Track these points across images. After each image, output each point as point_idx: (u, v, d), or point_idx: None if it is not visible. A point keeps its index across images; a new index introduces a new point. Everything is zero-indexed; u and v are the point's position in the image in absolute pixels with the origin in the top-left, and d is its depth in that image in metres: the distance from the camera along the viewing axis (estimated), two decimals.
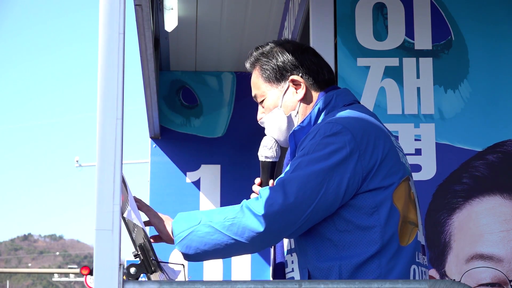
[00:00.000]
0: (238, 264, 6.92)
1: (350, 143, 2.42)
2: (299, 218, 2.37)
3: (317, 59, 2.69)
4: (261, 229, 2.36)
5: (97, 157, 1.98)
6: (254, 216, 2.36)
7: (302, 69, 2.64)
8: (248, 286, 2.01)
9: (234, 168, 7.01)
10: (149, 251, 2.31)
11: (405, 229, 2.46)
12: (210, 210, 2.48)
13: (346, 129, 2.44)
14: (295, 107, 2.64)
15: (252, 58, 2.71)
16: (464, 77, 4.09)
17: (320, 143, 2.43)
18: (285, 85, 2.64)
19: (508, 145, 4.03)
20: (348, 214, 2.43)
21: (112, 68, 2.00)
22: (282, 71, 2.64)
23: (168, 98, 7.11)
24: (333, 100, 2.60)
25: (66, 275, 47.75)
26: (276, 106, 2.65)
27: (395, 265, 2.41)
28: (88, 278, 23.79)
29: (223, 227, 2.39)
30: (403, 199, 2.47)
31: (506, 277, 3.88)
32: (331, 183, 2.39)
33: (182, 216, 2.47)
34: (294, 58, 2.65)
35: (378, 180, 2.43)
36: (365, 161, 2.42)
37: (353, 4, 4.14)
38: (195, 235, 2.41)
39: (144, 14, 4.63)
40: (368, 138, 2.45)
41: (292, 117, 2.64)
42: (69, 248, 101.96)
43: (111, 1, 2.02)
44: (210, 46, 6.78)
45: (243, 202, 2.43)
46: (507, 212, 3.95)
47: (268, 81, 2.66)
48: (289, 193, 2.36)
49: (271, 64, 2.66)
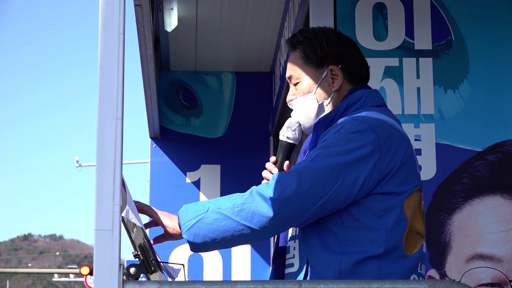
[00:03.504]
0: (238, 264, 6.92)
1: (373, 143, 2.42)
2: (310, 208, 2.37)
3: (359, 54, 2.68)
4: (270, 214, 2.35)
5: (97, 157, 1.98)
6: (264, 201, 2.36)
7: (343, 61, 2.63)
8: (248, 286, 2.01)
9: (234, 168, 7.01)
10: (149, 251, 2.31)
11: (411, 239, 2.47)
12: (217, 198, 2.46)
13: (371, 128, 2.44)
14: (329, 96, 2.62)
15: (295, 40, 2.69)
16: (464, 77, 4.09)
17: (343, 138, 2.43)
18: (323, 73, 2.63)
19: (508, 145, 4.03)
20: (356, 212, 2.43)
21: (112, 68, 2.00)
22: (324, 59, 2.63)
23: (168, 98, 7.12)
24: (363, 98, 2.59)
25: (66, 275, 47.78)
26: (311, 91, 2.64)
27: (396, 271, 2.41)
28: (88, 278, 23.81)
29: (232, 213, 2.38)
30: (413, 208, 2.48)
31: (506, 277, 3.88)
32: (347, 179, 2.39)
33: (188, 206, 2.46)
34: (337, 48, 2.64)
35: (393, 185, 2.44)
36: (384, 163, 2.42)
37: (353, 4, 4.15)
38: (203, 222, 2.40)
39: (144, 14, 4.64)
40: (391, 141, 2.45)
41: (324, 105, 2.63)
42: (69, 248, 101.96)
43: (111, 1, 2.02)
44: (210, 46, 6.78)
45: (252, 188, 2.41)
46: (507, 212, 3.95)
47: (307, 65, 2.64)
48: (304, 181, 2.36)
49: (314, 49, 2.64)
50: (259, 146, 6.95)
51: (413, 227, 2.47)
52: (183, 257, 6.63)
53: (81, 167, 32.77)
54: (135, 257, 2.29)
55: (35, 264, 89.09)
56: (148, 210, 2.52)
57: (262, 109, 6.95)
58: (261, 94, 7.08)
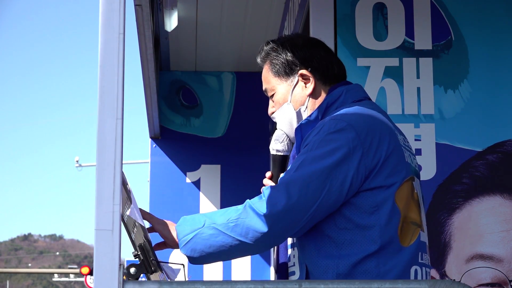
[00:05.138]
0: (238, 264, 6.92)
1: (354, 140, 2.40)
2: (303, 218, 2.37)
3: (327, 53, 2.67)
4: (265, 230, 2.35)
5: (97, 157, 1.98)
6: (258, 217, 2.36)
7: (312, 63, 2.63)
8: (248, 286, 2.01)
9: (234, 168, 7.01)
10: (149, 251, 2.31)
11: (407, 230, 2.44)
12: (213, 212, 2.47)
13: (350, 126, 2.42)
14: (304, 102, 2.62)
15: (263, 53, 2.72)
16: (464, 77, 4.09)
17: (323, 139, 2.42)
18: (294, 80, 2.63)
19: (508, 145, 4.03)
20: (348, 212, 2.42)
21: (112, 68, 2.00)
22: (292, 66, 2.64)
23: (168, 98, 7.11)
24: (343, 95, 2.58)
25: (66, 275, 47.77)
26: (286, 101, 2.64)
27: (395, 266, 2.40)
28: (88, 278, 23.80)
29: (227, 229, 2.38)
30: (405, 199, 2.45)
31: (506, 277, 3.88)
32: (334, 181, 2.38)
33: (185, 219, 2.47)
34: (303, 52, 2.64)
35: (380, 178, 2.41)
36: (368, 158, 2.40)
37: (353, 4, 4.15)
38: (199, 237, 2.41)
39: (144, 14, 4.64)
40: (373, 135, 2.43)
41: (301, 112, 2.63)
42: (69, 248, 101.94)
43: (111, 1, 2.02)
44: (210, 46, 6.78)
45: (246, 202, 2.41)
46: (507, 212, 3.95)
47: (277, 75, 2.66)
48: (293, 193, 2.35)
49: (280, 59, 2.65)
50: (259, 146, 6.94)
51: (407, 217, 2.45)
52: (183, 257, 6.62)
53: (81, 167, 32.77)
54: (135, 257, 2.29)
55: (35, 264, 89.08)
56: (149, 220, 2.52)
57: (262, 109, 6.93)
58: (261, 94, 7.05)
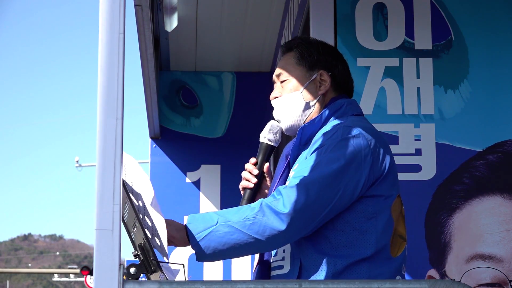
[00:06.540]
0: (238, 264, 6.92)
1: (367, 148, 2.52)
2: (318, 217, 2.45)
3: (348, 70, 2.80)
4: (283, 228, 2.41)
5: (97, 157, 1.98)
6: (275, 215, 2.41)
7: (334, 70, 2.74)
8: (248, 286, 2.01)
9: (234, 168, 7.00)
10: (149, 251, 2.31)
11: (395, 241, 2.56)
12: (224, 210, 2.51)
13: (363, 134, 2.54)
14: (315, 98, 2.71)
15: (293, 42, 2.79)
16: (464, 77, 4.09)
17: (338, 143, 2.52)
18: (313, 75, 2.71)
19: (508, 145, 4.03)
20: (348, 215, 2.51)
21: (112, 68, 2.00)
22: (317, 63, 2.73)
23: (168, 98, 7.12)
24: (344, 107, 2.69)
25: (66, 275, 47.78)
26: (298, 90, 2.71)
27: (383, 273, 2.50)
28: (88, 278, 23.81)
29: (243, 227, 2.42)
30: (397, 212, 2.58)
31: (506, 277, 3.88)
32: (349, 184, 2.48)
33: (195, 217, 2.49)
34: (330, 57, 2.76)
35: (382, 188, 2.54)
36: (377, 166, 2.53)
37: (353, 4, 4.14)
38: (214, 235, 2.43)
39: (144, 14, 4.64)
40: (380, 146, 2.56)
41: (310, 105, 2.70)
42: (69, 248, 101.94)
43: (111, 1, 2.02)
44: (210, 46, 6.78)
45: (261, 201, 2.46)
46: (507, 212, 3.95)
47: (300, 65, 2.73)
48: (311, 193, 2.43)
49: (310, 52, 2.74)
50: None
51: (397, 230, 2.57)
52: (183, 257, 6.63)
53: (81, 167, 32.80)
54: (135, 257, 2.29)
55: (35, 264, 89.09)
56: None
57: (262, 109, 6.95)
58: (261, 94, 7.08)
